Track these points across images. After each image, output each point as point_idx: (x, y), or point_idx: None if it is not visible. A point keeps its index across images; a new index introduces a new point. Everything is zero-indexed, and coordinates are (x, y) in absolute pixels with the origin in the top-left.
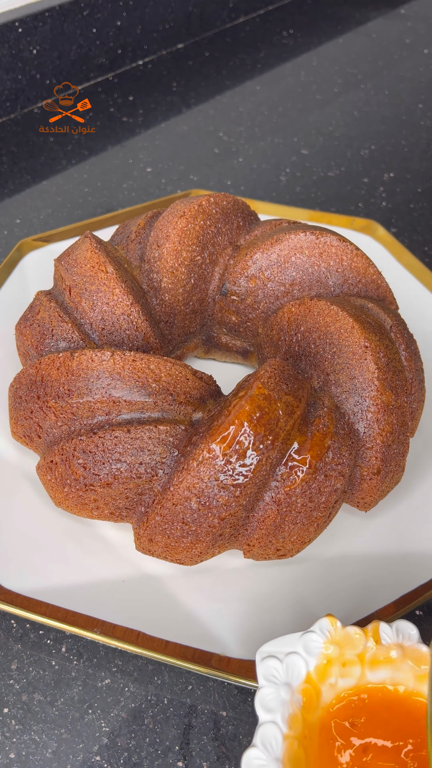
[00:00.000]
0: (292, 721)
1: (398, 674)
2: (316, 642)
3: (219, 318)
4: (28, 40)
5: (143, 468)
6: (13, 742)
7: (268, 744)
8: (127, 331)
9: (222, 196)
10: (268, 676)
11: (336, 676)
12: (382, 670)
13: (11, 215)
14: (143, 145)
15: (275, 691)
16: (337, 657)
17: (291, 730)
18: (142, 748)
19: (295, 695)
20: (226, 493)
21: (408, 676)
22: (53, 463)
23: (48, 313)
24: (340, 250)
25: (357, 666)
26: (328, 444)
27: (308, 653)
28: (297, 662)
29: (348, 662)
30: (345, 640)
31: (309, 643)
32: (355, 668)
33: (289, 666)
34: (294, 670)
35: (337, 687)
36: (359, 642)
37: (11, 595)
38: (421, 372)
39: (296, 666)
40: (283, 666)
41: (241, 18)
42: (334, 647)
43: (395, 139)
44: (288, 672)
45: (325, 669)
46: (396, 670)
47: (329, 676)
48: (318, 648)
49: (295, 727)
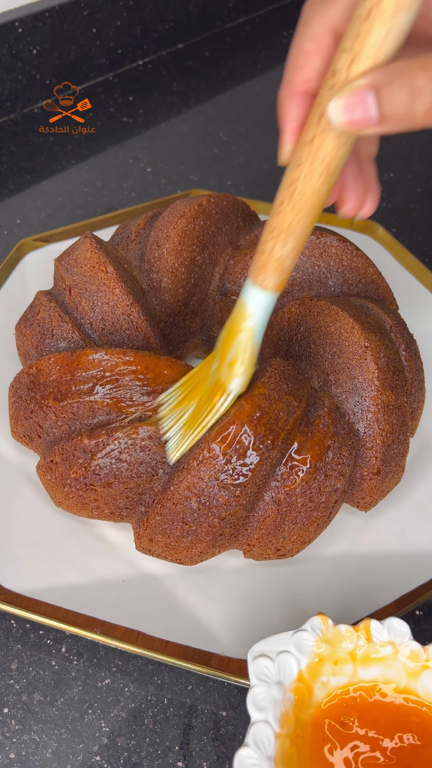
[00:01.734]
0: (285, 719)
1: (390, 671)
2: (308, 640)
3: (219, 318)
4: (28, 40)
5: (143, 468)
6: (13, 742)
7: (261, 743)
8: (127, 331)
9: (222, 196)
10: (260, 675)
11: (328, 675)
12: (373, 668)
13: (11, 215)
14: (143, 145)
15: (267, 690)
16: (329, 655)
17: (283, 729)
18: (142, 748)
19: (287, 694)
20: (227, 493)
21: (400, 674)
22: (53, 463)
23: (48, 313)
24: (340, 250)
25: (349, 664)
26: (328, 444)
27: (300, 652)
28: (289, 661)
29: (340, 660)
30: (336, 638)
31: (300, 641)
32: (347, 666)
33: (280, 665)
34: (286, 669)
35: (329, 685)
36: (350, 640)
37: (11, 595)
38: (421, 372)
39: (288, 665)
40: (274, 665)
41: (241, 18)
42: (325, 645)
43: (395, 139)
44: (280, 671)
45: (317, 667)
46: (388, 668)
47: (321, 675)
48: (309, 646)
49: (287, 726)
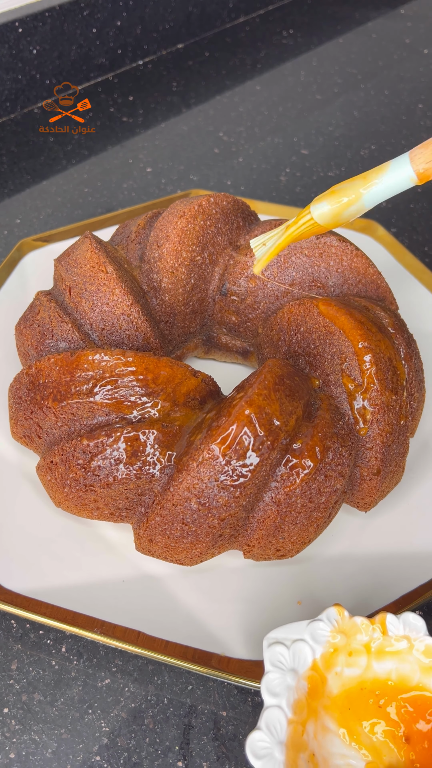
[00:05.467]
0: (297, 706)
1: (404, 666)
2: (323, 630)
3: (219, 318)
4: (28, 40)
5: (143, 468)
6: (13, 742)
7: (273, 727)
8: (127, 332)
9: (222, 196)
10: (275, 662)
11: (342, 665)
12: (388, 661)
13: (11, 215)
14: (143, 145)
15: (281, 676)
16: (344, 646)
17: (296, 716)
18: (142, 748)
19: (301, 682)
20: (226, 494)
21: (414, 668)
22: (53, 463)
23: (48, 313)
24: (340, 251)
25: (363, 656)
26: (328, 444)
27: (315, 641)
28: (303, 649)
29: (354, 652)
30: (352, 630)
31: (316, 631)
32: (362, 658)
33: (295, 653)
34: (300, 657)
35: (342, 676)
36: (366, 632)
37: (11, 595)
38: (421, 372)
39: (303, 653)
40: (289, 652)
41: (241, 18)
42: (341, 636)
43: (395, 139)
44: (294, 658)
45: (332, 657)
46: (402, 662)
47: (335, 665)
48: (325, 636)
49: (299, 713)
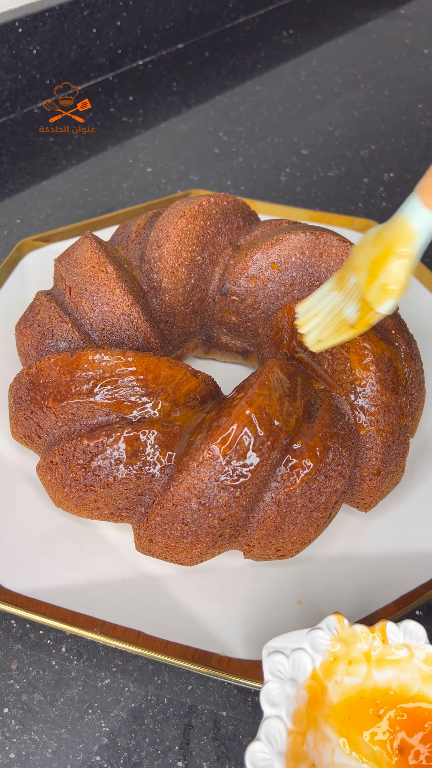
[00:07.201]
0: (297, 716)
1: (404, 674)
2: (323, 639)
3: (219, 318)
4: (28, 40)
5: (143, 468)
6: (13, 742)
7: (272, 738)
8: (127, 332)
9: (222, 196)
10: (274, 671)
11: (342, 674)
12: (388, 670)
13: (11, 215)
14: (143, 145)
15: (281, 686)
16: (344, 655)
17: (295, 726)
18: (142, 748)
19: (301, 691)
20: (226, 494)
21: (414, 677)
22: (53, 463)
23: (48, 313)
24: (340, 251)
25: (363, 665)
26: (328, 445)
27: (314, 650)
28: (303, 658)
29: (354, 660)
30: (352, 638)
31: (316, 639)
32: (362, 667)
33: (295, 662)
34: (300, 666)
35: (342, 684)
36: (366, 640)
37: (11, 595)
38: (421, 372)
39: (302, 662)
40: (289, 662)
41: (241, 18)
42: (340, 645)
43: (395, 139)
44: (294, 668)
45: (331, 666)
46: (402, 671)
47: (335, 674)
48: (324, 645)
49: (299, 723)
